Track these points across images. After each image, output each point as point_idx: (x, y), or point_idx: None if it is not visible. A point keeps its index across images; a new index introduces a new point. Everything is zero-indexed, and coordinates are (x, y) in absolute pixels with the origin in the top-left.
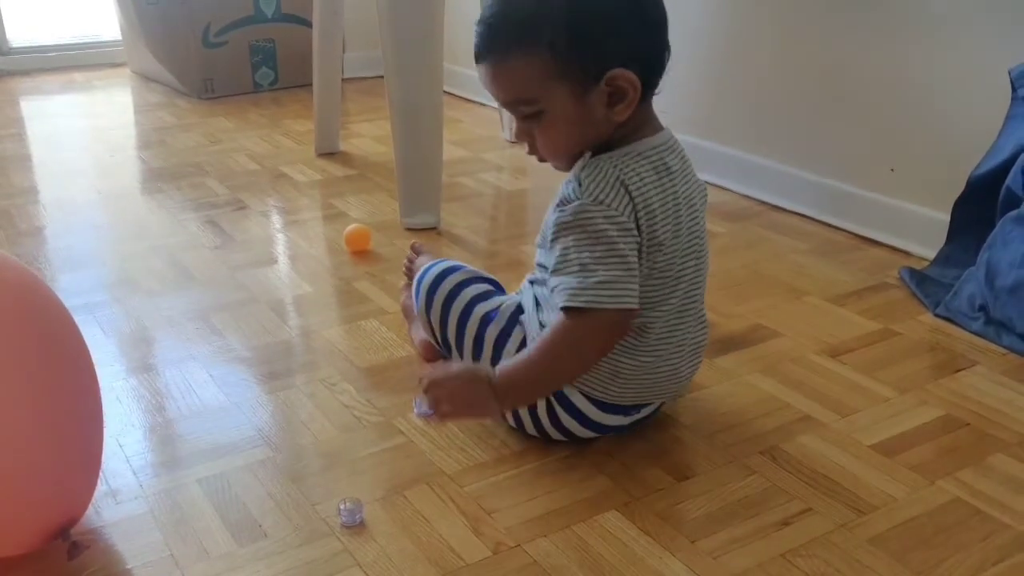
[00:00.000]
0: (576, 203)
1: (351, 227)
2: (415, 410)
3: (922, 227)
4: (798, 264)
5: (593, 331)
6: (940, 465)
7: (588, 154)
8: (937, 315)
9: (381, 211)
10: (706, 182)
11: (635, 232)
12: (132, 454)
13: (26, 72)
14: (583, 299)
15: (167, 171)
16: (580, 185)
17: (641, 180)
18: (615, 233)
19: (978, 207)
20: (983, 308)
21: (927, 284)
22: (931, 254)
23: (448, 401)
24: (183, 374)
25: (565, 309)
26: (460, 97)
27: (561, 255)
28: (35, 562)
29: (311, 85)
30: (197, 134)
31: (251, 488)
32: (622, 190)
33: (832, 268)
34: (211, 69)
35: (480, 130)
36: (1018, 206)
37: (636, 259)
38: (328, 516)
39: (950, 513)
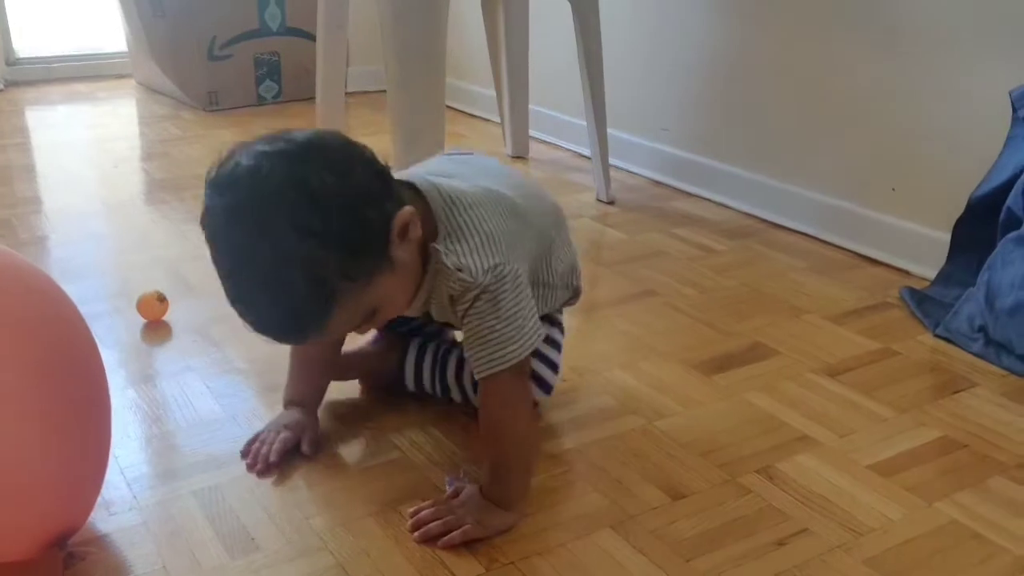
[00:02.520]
0: (472, 291)
1: None
2: (448, 488)
3: (922, 247)
4: (797, 282)
5: (514, 386)
6: (938, 487)
7: (433, 246)
8: (937, 335)
9: None
10: (707, 199)
11: (515, 262)
12: (127, 465)
13: (32, 83)
14: (505, 362)
15: (170, 182)
16: (464, 280)
17: (481, 204)
18: (504, 292)
19: (979, 227)
20: (983, 329)
21: (927, 304)
22: (931, 274)
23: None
24: (180, 386)
25: (495, 375)
26: (463, 112)
27: (475, 333)
28: (30, 571)
29: (315, 99)
30: (201, 146)
31: (245, 501)
32: (494, 233)
33: (831, 287)
34: (216, 82)
35: (483, 145)
36: (1018, 227)
37: (528, 288)
38: (321, 530)
39: (947, 535)
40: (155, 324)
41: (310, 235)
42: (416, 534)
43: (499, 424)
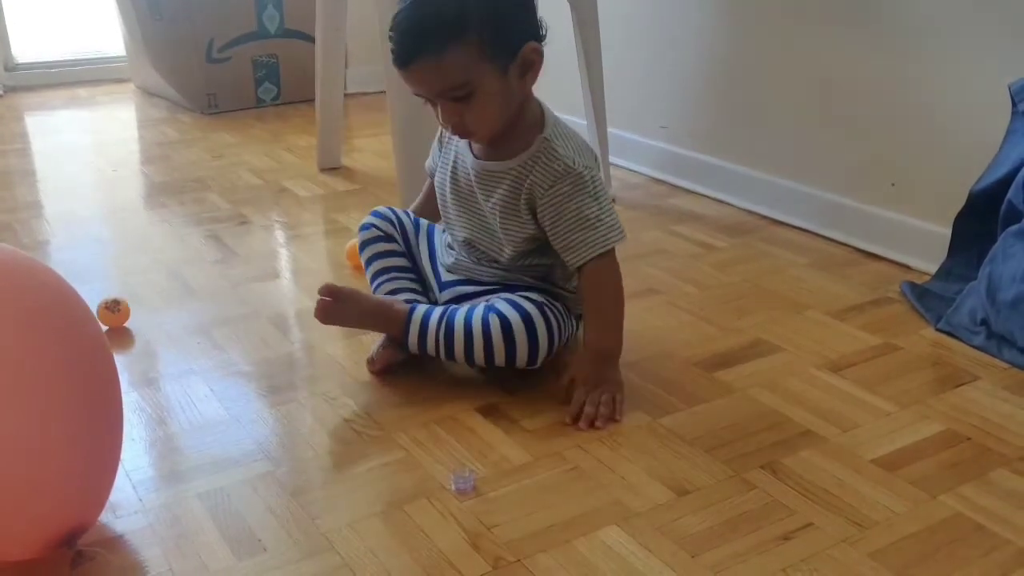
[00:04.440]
0: (573, 176)
1: (353, 241)
2: (453, 486)
3: (923, 241)
4: (799, 278)
5: (615, 264)
6: (941, 480)
7: (541, 137)
8: (938, 329)
9: None
10: (707, 196)
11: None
12: (132, 468)
13: (31, 88)
14: (610, 242)
15: (170, 186)
16: (568, 165)
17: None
18: (601, 188)
19: (979, 221)
20: (984, 322)
21: (928, 298)
22: (932, 268)
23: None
24: (184, 388)
25: (600, 255)
26: None
27: (575, 218)
28: (36, 570)
29: (314, 100)
30: (200, 149)
31: (251, 502)
32: (589, 151)
33: (833, 282)
34: (214, 84)
35: None
36: (1019, 220)
37: None
38: (328, 531)
39: (951, 528)
40: (149, 328)
41: None
42: (581, 424)
43: (612, 290)
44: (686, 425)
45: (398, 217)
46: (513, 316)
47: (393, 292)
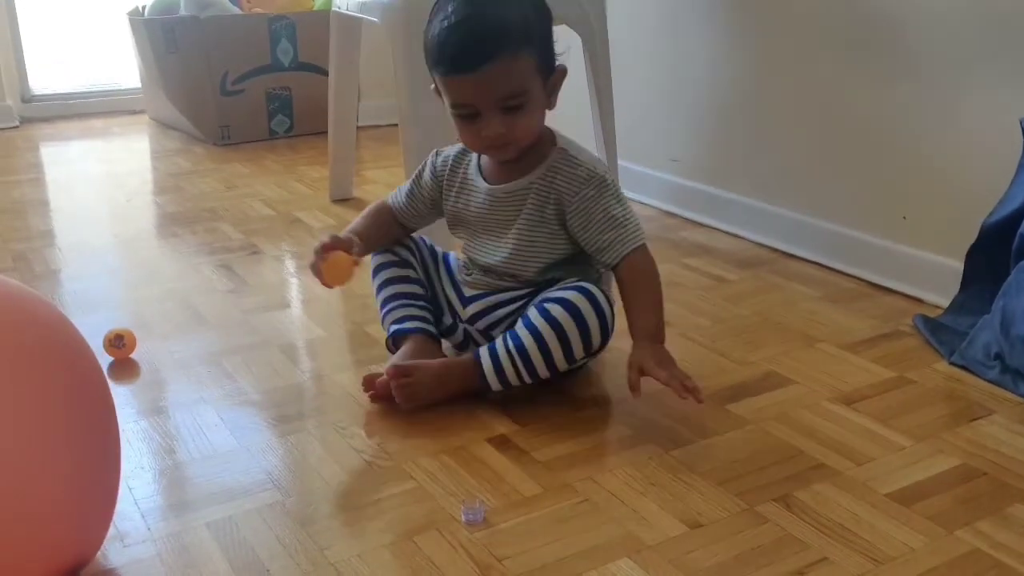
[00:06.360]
0: (597, 180)
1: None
2: (463, 517)
3: (935, 275)
4: (811, 311)
5: (649, 254)
6: (958, 515)
7: (557, 147)
8: (952, 363)
9: None
10: (719, 229)
11: None
12: (141, 497)
13: (47, 119)
14: (640, 239)
15: (182, 216)
16: (591, 170)
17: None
18: (620, 191)
19: (992, 255)
20: (999, 356)
21: (941, 332)
22: (945, 302)
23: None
24: (194, 417)
25: (634, 250)
26: None
27: (604, 219)
28: None
29: (326, 132)
30: (213, 180)
31: (260, 532)
32: (600, 161)
33: (845, 316)
34: (228, 116)
35: None
36: None
37: None
38: (337, 562)
39: (969, 564)
40: (159, 357)
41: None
42: (686, 392)
43: (653, 278)
44: (698, 458)
45: (416, 244)
46: (571, 295)
47: (401, 320)
